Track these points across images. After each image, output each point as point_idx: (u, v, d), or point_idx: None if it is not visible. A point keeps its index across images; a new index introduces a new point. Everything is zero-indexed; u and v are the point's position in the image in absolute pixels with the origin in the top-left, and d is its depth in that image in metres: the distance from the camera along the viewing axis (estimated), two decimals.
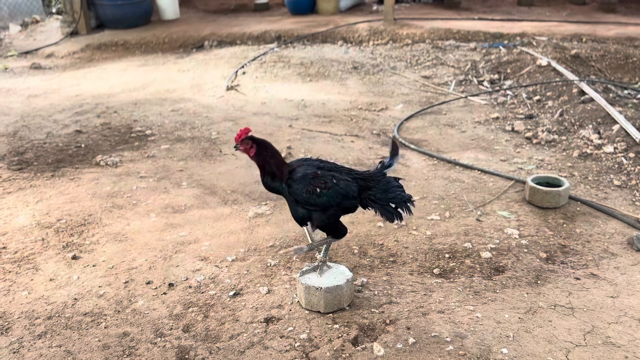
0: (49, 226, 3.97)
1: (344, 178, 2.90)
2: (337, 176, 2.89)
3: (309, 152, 5.28)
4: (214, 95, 7.16)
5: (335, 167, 2.98)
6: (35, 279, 3.37)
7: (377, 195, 2.93)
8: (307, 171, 2.87)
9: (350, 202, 2.92)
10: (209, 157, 5.21)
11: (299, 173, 2.87)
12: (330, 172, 2.90)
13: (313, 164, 2.96)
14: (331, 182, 2.85)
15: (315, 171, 2.87)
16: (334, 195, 2.85)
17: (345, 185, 2.86)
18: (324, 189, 2.84)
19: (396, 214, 2.93)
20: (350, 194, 2.87)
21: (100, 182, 4.66)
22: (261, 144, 2.94)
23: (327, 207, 2.89)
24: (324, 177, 2.85)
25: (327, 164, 2.97)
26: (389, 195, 2.92)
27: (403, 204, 2.93)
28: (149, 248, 3.70)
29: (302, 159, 3.03)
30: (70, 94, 7.40)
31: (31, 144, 5.59)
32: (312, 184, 2.84)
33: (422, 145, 5.47)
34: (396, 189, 2.93)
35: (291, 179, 2.88)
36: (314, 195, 2.84)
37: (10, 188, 4.60)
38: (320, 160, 3.02)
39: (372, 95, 7.16)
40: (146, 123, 6.13)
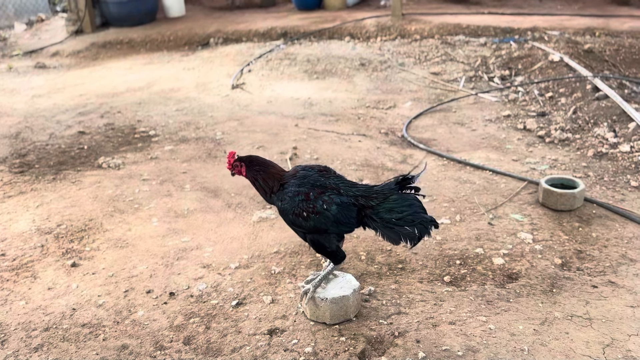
0: (49, 232, 3.89)
1: (339, 201, 2.62)
2: (328, 199, 2.62)
3: (315, 153, 5.16)
4: (219, 94, 7.05)
5: (335, 184, 2.70)
6: (33, 288, 3.29)
7: (381, 214, 2.61)
8: (299, 189, 2.66)
9: (345, 228, 2.71)
10: (213, 159, 5.10)
11: (289, 192, 2.68)
12: (325, 192, 2.64)
13: (309, 179, 2.69)
14: (321, 207, 2.61)
15: (308, 192, 2.64)
16: (323, 220, 2.64)
17: (337, 211, 2.62)
18: (312, 213, 2.63)
19: (404, 236, 2.58)
20: (343, 220, 2.65)
21: (102, 185, 4.56)
22: (249, 161, 2.81)
23: (318, 231, 2.70)
24: (314, 200, 2.62)
25: (326, 180, 2.70)
26: (394, 215, 2.57)
27: (418, 226, 2.56)
28: (150, 255, 3.60)
29: (302, 168, 2.78)
30: (75, 94, 7.32)
31: (33, 146, 5.51)
32: (300, 207, 2.64)
33: (432, 144, 5.33)
34: (408, 208, 2.57)
35: (283, 194, 2.70)
36: (300, 218, 2.66)
37: (10, 192, 4.52)
38: (321, 172, 2.75)
39: (380, 92, 7.02)
40: (150, 123, 6.03)
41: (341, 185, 2.69)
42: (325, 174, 2.75)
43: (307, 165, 2.83)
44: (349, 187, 2.69)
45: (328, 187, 2.66)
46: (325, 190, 2.65)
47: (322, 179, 2.70)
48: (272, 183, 2.75)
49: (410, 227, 2.56)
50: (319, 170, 2.76)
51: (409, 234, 2.57)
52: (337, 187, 2.68)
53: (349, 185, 2.71)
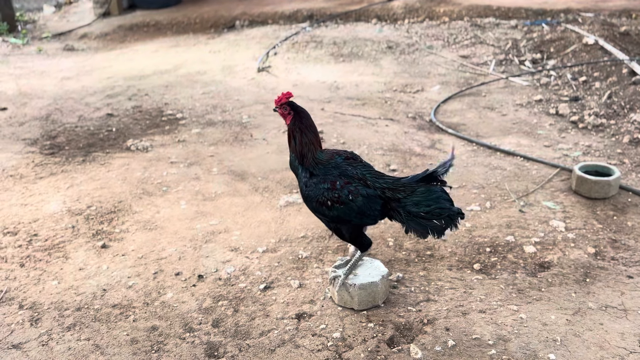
0: (79, 213, 3.94)
1: (366, 193, 2.56)
2: (354, 190, 2.56)
3: (341, 137, 5.11)
4: (245, 77, 7.03)
5: (362, 174, 2.62)
6: (65, 268, 3.34)
7: (408, 207, 2.52)
8: (326, 176, 2.60)
9: (368, 220, 2.64)
10: (240, 142, 5.10)
11: (317, 176, 2.62)
12: (352, 182, 2.58)
13: (338, 167, 2.62)
14: (346, 197, 2.55)
15: (335, 180, 2.58)
16: (347, 211, 2.58)
17: (362, 203, 2.56)
18: (337, 203, 2.57)
19: (432, 229, 2.51)
20: (367, 212, 2.58)
21: (131, 168, 4.60)
22: (298, 113, 2.68)
23: (341, 221, 2.65)
24: (340, 190, 2.56)
25: (353, 169, 2.63)
26: (422, 209, 2.49)
27: (446, 219, 2.49)
28: (179, 237, 3.62)
29: (334, 153, 2.70)
30: (102, 76, 7.38)
31: (63, 128, 5.58)
32: (325, 195, 2.58)
33: (461, 129, 5.24)
34: (435, 202, 2.48)
35: (309, 178, 2.63)
36: (324, 207, 2.61)
37: (42, 173, 4.59)
38: (350, 161, 2.68)
39: (408, 76, 6.91)
40: (177, 106, 6.05)
41: (368, 176, 2.61)
42: (352, 162, 2.67)
43: (335, 150, 2.76)
44: (376, 179, 2.61)
45: (355, 178, 2.59)
46: (352, 180, 2.59)
47: (350, 167, 2.62)
48: (308, 155, 2.64)
49: (437, 221, 2.49)
50: (345, 158, 2.68)
51: (436, 227, 2.51)
52: (365, 178, 2.60)
53: (377, 176, 2.63)
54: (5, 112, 6.11)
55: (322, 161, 2.65)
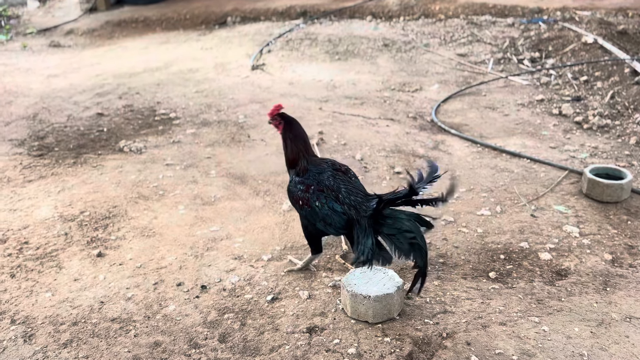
0: (72, 219, 3.75)
1: (332, 206, 2.72)
2: (323, 200, 2.74)
3: (342, 138, 4.97)
4: (239, 75, 6.85)
5: (337, 187, 2.75)
6: (59, 279, 3.16)
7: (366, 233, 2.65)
8: (304, 180, 2.82)
9: (332, 230, 2.82)
10: (237, 143, 4.93)
11: (300, 177, 2.84)
12: (324, 190, 2.75)
13: (322, 174, 2.80)
14: (313, 203, 2.77)
15: (310, 184, 2.79)
16: (313, 215, 2.80)
17: (326, 214, 2.74)
18: (305, 205, 2.81)
19: (380, 259, 2.62)
20: (331, 223, 2.76)
21: (125, 170, 4.41)
22: (288, 123, 2.94)
23: (309, 221, 2.86)
24: (311, 194, 2.77)
25: (333, 180, 2.78)
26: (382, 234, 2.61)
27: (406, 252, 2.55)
28: (179, 244, 3.45)
29: (324, 162, 2.89)
30: (91, 74, 7.15)
31: (52, 128, 5.37)
32: (298, 195, 2.83)
33: (463, 129, 5.12)
34: (402, 235, 2.53)
35: (297, 176, 2.86)
36: (297, 204, 2.87)
37: (31, 176, 4.38)
38: (338, 173, 2.82)
39: (405, 74, 6.79)
40: (170, 105, 5.86)
41: (343, 190, 2.74)
42: (339, 174, 2.83)
43: (331, 160, 2.93)
44: (349, 195, 2.73)
45: (330, 189, 2.76)
46: (326, 189, 2.76)
47: (331, 179, 2.79)
48: (298, 160, 2.86)
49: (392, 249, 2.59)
50: (335, 169, 2.85)
51: (377, 258, 2.61)
52: (338, 192, 2.74)
53: (353, 194, 2.74)
54: None
55: (307, 168, 2.85)
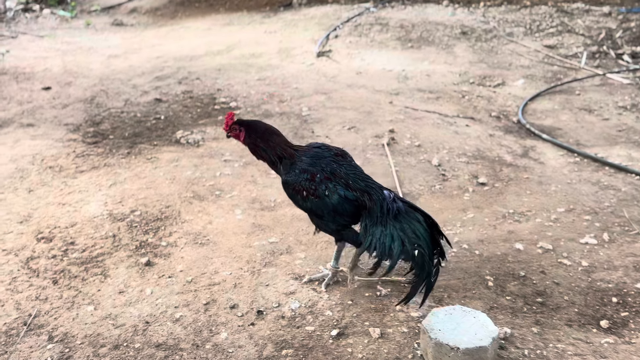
0: (122, 218, 3.46)
1: (343, 194, 2.50)
2: (332, 187, 2.51)
3: (415, 138, 4.47)
4: (304, 62, 6.42)
5: (345, 174, 2.55)
6: (103, 290, 2.86)
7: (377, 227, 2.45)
8: (308, 167, 2.55)
9: (341, 220, 2.58)
10: (300, 139, 4.52)
11: (298, 167, 2.57)
12: (332, 179, 2.52)
13: (322, 161, 2.56)
14: (322, 192, 2.51)
15: (315, 173, 2.54)
16: (321, 206, 2.54)
17: (337, 202, 2.51)
18: (312, 195, 2.53)
19: (393, 253, 2.42)
20: (340, 211, 2.53)
21: (180, 165, 4.09)
22: (248, 127, 2.67)
23: (315, 214, 2.61)
24: (318, 183, 2.51)
25: (338, 167, 2.56)
26: (386, 238, 2.43)
27: (413, 253, 2.41)
28: (234, 257, 3.09)
29: (316, 146, 2.65)
30: (151, 55, 6.92)
31: (108, 113, 5.13)
32: (302, 185, 2.54)
33: (556, 134, 4.51)
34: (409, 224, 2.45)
35: (290, 167, 2.58)
36: (298, 196, 2.58)
37: (83, 166, 4.14)
38: (337, 157, 2.60)
39: (486, 67, 6.16)
40: (230, 93, 5.52)
41: (351, 177, 2.55)
42: (340, 159, 2.62)
43: (323, 144, 2.69)
44: (358, 180, 2.55)
45: (337, 176, 2.54)
46: (333, 177, 2.53)
47: (335, 164, 2.57)
48: (279, 152, 2.61)
49: (397, 251, 2.40)
50: (335, 154, 2.62)
51: (390, 255, 2.41)
52: (347, 178, 2.54)
53: (360, 179, 2.56)
54: (49, 91, 5.71)
55: (300, 153, 2.60)
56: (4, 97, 5.54)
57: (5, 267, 3.03)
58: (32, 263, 3.06)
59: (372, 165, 4.07)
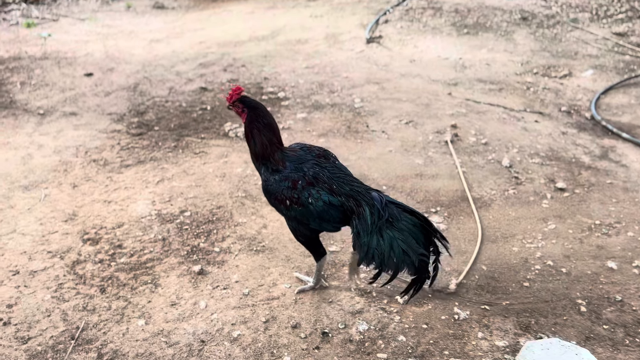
0: (171, 219, 3.24)
1: (327, 200, 2.30)
2: (315, 194, 2.30)
3: (481, 135, 4.13)
4: (353, 49, 6.09)
5: (328, 177, 2.34)
6: (154, 301, 2.65)
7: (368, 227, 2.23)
8: (289, 174, 2.35)
9: (327, 226, 2.40)
10: (355, 134, 4.23)
11: (281, 172, 2.36)
12: (315, 184, 2.31)
13: (304, 165, 2.36)
14: (305, 200, 2.32)
15: (297, 180, 2.34)
16: (305, 214, 2.35)
17: (321, 209, 2.32)
18: (295, 204, 2.34)
19: (384, 264, 2.23)
20: (326, 218, 2.34)
21: (230, 161, 3.86)
22: (254, 110, 2.40)
23: (299, 222, 2.41)
24: (300, 190, 2.32)
25: (321, 170, 2.35)
26: (383, 236, 2.22)
27: (409, 265, 2.21)
28: (293, 267, 2.84)
29: (301, 148, 2.44)
30: (194, 41, 6.68)
31: (152, 102, 4.92)
32: (284, 193, 2.35)
33: (637, 134, 4.10)
34: (402, 235, 2.22)
35: (271, 172, 2.38)
36: (282, 205, 2.39)
37: (128, 160, 3.94)
38: (319, 159, 2.39)
39: (549, 55, 5.73)
40: (278, 82, 5.24)
41: (335, 180, 2.36)
42: (323, 161, 2.42)
43: (304, 145, 2.48)
44: (343, 185, 2.35)
45: (320, 180, 2.34)
46: (316, 182, 2.34)
47: (317, 167, 2.38)
48: (267, 152, 2.39)
49: (398, 261, 2.20)
50: (317, 155, 2.43)
51: (390, 265, 2.21)
52: (331, 182, 2.34)
53: (345, 182, 2.36)
54: (91, 78, 5.54)
55: (283, 157, 2.38)
56: (46, 83, 5.40)
57: (51, 271, 2.85)
58: (78, 268, 2.88)
59: (435, 165, 3.75)
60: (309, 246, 2.55)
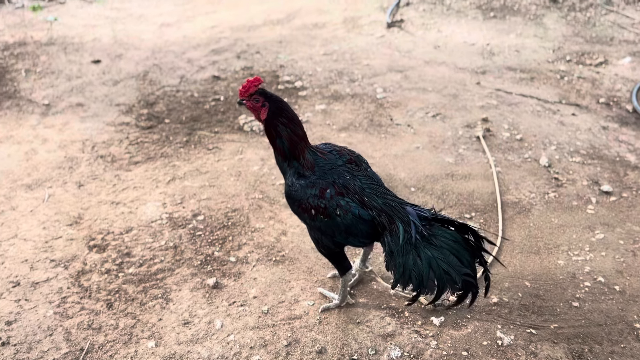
0: (183, 224, 3.01)
1: (358, 213, 2.06)
2: (345, 206, 2.06)
3: (515, 129, 3.83)
4: (373, 34, 5.77)
5: (360, 187, 2.10)
6: (164, 319, 2.42)
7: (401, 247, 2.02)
8: (318, 180, 2.11)
9: (354, 241, 2.17)
10: (378, 128, 3.95)
11: (306, 177, 2.12)
12: (345, 194, 2.08)
13: (334, 171, 2.12)
14: (333, 211, 2.08)
15: (325, 188, 2.10)
16: (331, 226, 2.12)
17: (350, 222, 2.09)
18: (321, 214, 2.11)
19: (421, 285, 2.00)
20: (354, 232, 2.11)
21: (246, 158, 3.60)
22: (275, 102, 2.11)
23: (324, 233, 2.18)
24: (329, 200, 2.07)
25: (352, 178, 2.12)
26: (420, 257, 2.01)
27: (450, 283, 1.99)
28: (316, 281, 2.60)
29: (329, 150, 2.20)
30: (206, 25, 6.39)
31: (162, 92, 4.66)
32: (310, 202, 2.11)
33: None
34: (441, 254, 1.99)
35: (296, 176, 2.13)
36: (306, 214, 2.15)
37: (137, 156, 3.70)
38: (352, 166, 2.16)
39: (583, 41, 5.38)
40: (294, 70, 4.95)
41: (367, 192, 2.12)
42: (354, 168, 2.19)
43: (334, 147, 2.25)
44: (375, 197, 2.12)
45: (350, 190, 2.11)
46: (346, 191, 2.10)
47: (348, 175, 2.15)
48: (297, 152, 2.13)
49: (437, 281, 1.99)
50: (348, 161, 2.20)
51: (430, 287, 2.01)
52: (362, 193, 2.11)
53: (378, 194, 2.12)
54: (99, 65, 5.28)
55: (312, 159, 2.14)
56: (52, 70, 5.15)
57: (54, 283, 2.63)
58: (84, 279, 2.65)
59: (467, 163, 3.47)
60: (332, 259, 2.35)
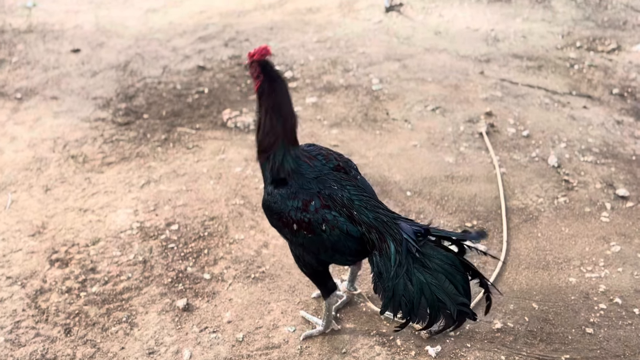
0: (155, 235, 2.73)
1: (346, 230, 1.83)
2: (332, 220, 1.83)
3: (520, 124, 3.53)
4: (370, 19, 5.44)
5: (348, 198, 1.86)
6: (127, 347, 2.16)
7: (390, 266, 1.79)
8: (300, 190, 1.86)
9: (340, 259, 1.96)
10: (372, 124, 3.65)
11: (287, 186, 1.87)
12: (332, 207, 1.84)
13: (321, 179, 1.88)
14: (318, 226, 1.85)
15: (309, 199, 1.85)
16: (315, 242, 1.89)
17: (337, 239, 1.86)
18: (304, 229, 1.87)
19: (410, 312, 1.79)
20: (341, 250, 1.89)
21: (228, 158, 3.31)
22: (271, 80, 1.83)
23: (306, 250, 1.95)
24: (313, 214, 1.83)
25: (340, 188, 1.87)
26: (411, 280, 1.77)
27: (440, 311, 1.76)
28: (298, 302, 2.33)
29: (316, 155, 1.94)
30: (194, 10, 6.05)
31: (143, 84, 4.36)
32: (291, 215, 1.86)
33: None
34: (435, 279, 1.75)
35: (278, 183, 1.88)
36: (286, 229, 1.92)
37: (111, 156, 3.41)
38: (340, 174, 1.91)
39: (594, 25, 5.04)
40: (285, 59, 4.64)
41: (356, 204, 1.88)
42: (342, 176, 1.93)
43: (322, 149, 2.01)
44: (365, 210, 1.87)
45: (337, 202, 1.86)
46: (332, 203, 1.86)
47: (335, 184, 1.90)
48: (268, 140, 1.87)
49: (429, 309, 1.77)
50: (336, 167, 1.96)
51: (421, 315, 1.79)
52: (351, 205, 1.87)
53: (369, 207, 1.88)
54: (78, 54, 4.97)
55: (295, 169, 1.88)
56: (28, 61, 4.85)
57: (8, 304, 2.37)
58: (42, 299, 2.39)
59: (469, 163, 3.18)
60: (315, 279, 2.11)
